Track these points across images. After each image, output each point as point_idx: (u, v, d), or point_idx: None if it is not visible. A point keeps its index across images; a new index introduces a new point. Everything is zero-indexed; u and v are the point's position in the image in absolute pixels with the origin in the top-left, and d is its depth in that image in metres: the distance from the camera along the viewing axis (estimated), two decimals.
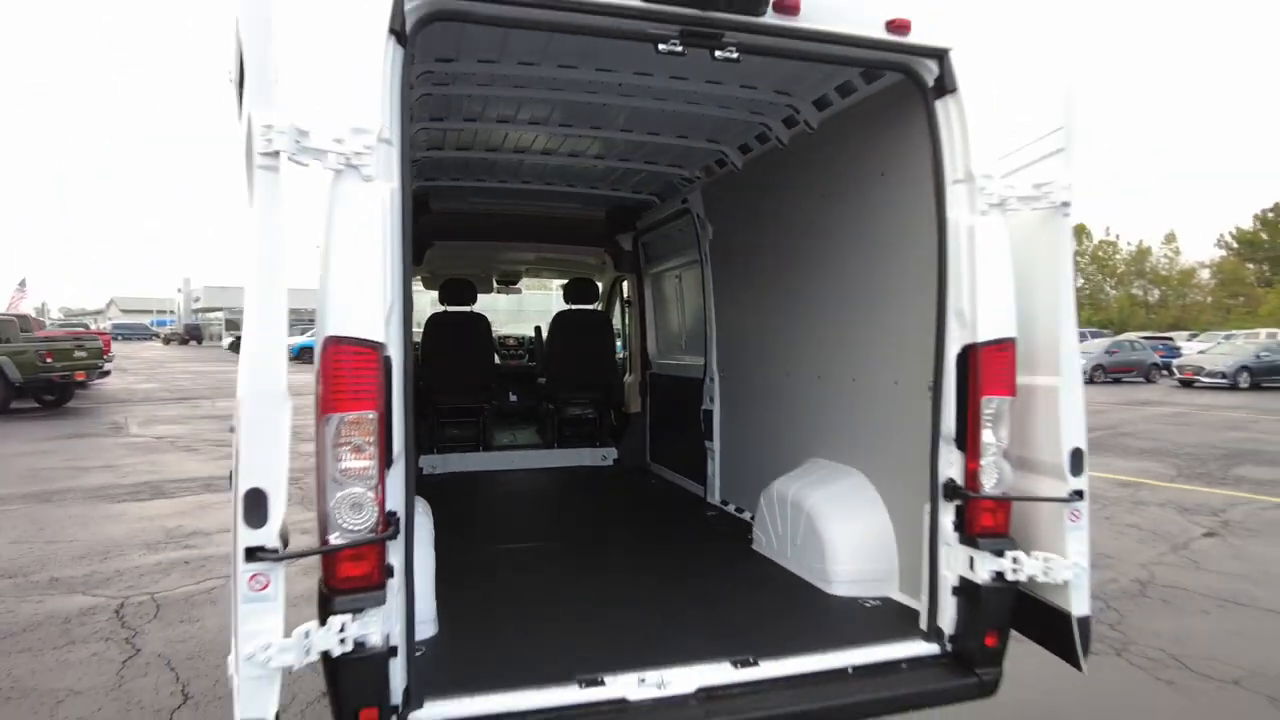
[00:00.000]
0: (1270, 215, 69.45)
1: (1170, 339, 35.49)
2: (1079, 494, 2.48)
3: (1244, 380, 23.84)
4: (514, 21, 2.31)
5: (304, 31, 1.96)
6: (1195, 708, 3.65)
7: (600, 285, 7.33)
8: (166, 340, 56.32)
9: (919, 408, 2.84)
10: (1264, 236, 69.15)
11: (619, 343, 7.37)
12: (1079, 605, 2.48)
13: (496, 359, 7.71)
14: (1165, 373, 27.21)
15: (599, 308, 7.34)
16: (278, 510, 1.82)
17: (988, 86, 2.61)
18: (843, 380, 3.56)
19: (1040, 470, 2.56)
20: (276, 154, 1.81)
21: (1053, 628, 2.54)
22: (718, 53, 2.42)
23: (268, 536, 1.80)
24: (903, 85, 2.79)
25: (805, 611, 3.01)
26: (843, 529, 3.21)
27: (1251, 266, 69.14)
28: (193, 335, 55.15)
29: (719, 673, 2.40)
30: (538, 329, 8.01)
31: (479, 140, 4.41)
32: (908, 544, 3.04)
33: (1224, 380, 23.86)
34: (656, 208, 5.75)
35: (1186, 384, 24.78)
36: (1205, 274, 73.06)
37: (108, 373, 18.90)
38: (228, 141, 2.14)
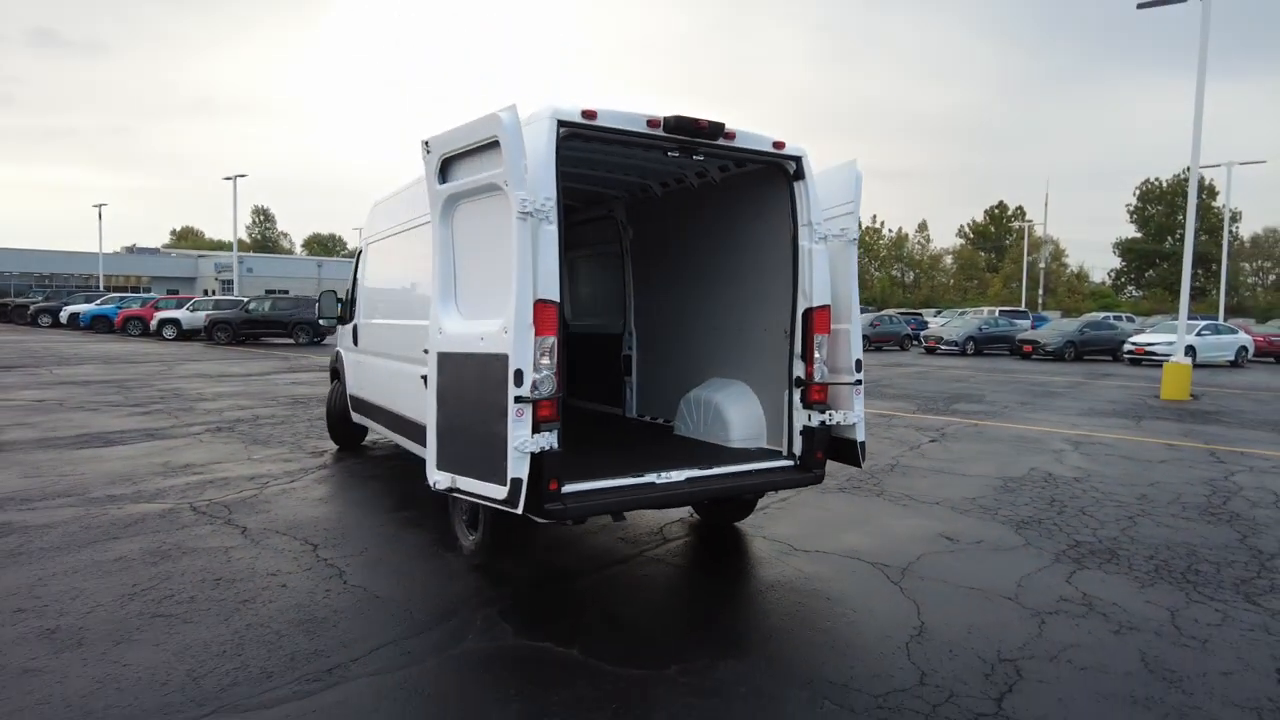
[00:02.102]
0: (996, 211, 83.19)
1: (920, 314, 42.77)
2: (859, 382, 5.09)
3: (970, 348, 30.08)
4: (602, 139, 4.42)
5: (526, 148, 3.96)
6: (907, 512, 6.55)
7: None
8: None
9: (777, 343, 5.34)
10: (991, 229, 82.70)
11: None
12: (860, 435, 5.09)
13: None
14: (915, 342, 33.33)
15: None
16: (527, 379, 3.86)
17: (818, 178, 5.11)
18: (732, 329, 5.99)
19: (841, 370, 5.13)
20: (530, 212, 3.85)
21: (846, 450, 5.14)
22: (694, 156, 4.72)
23: (523, 391, 3.85)
24: (774, 169, 5.20)
25: (722, 453, 5.42)
26: (736, 412, 5.66)
27: (983, 254, 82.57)
28: None
29: (694, 472, 4.72)
30: None
31: None
32: (771, 418, 5.53)
33: (956, 347, 29.96)
34: (578, 211, 7.87)
35: (930, 351, 30.73)
36: (949, 259, 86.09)
37: None
38: None
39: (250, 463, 7.91)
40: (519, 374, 3.86)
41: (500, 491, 3.91)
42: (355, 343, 7.84)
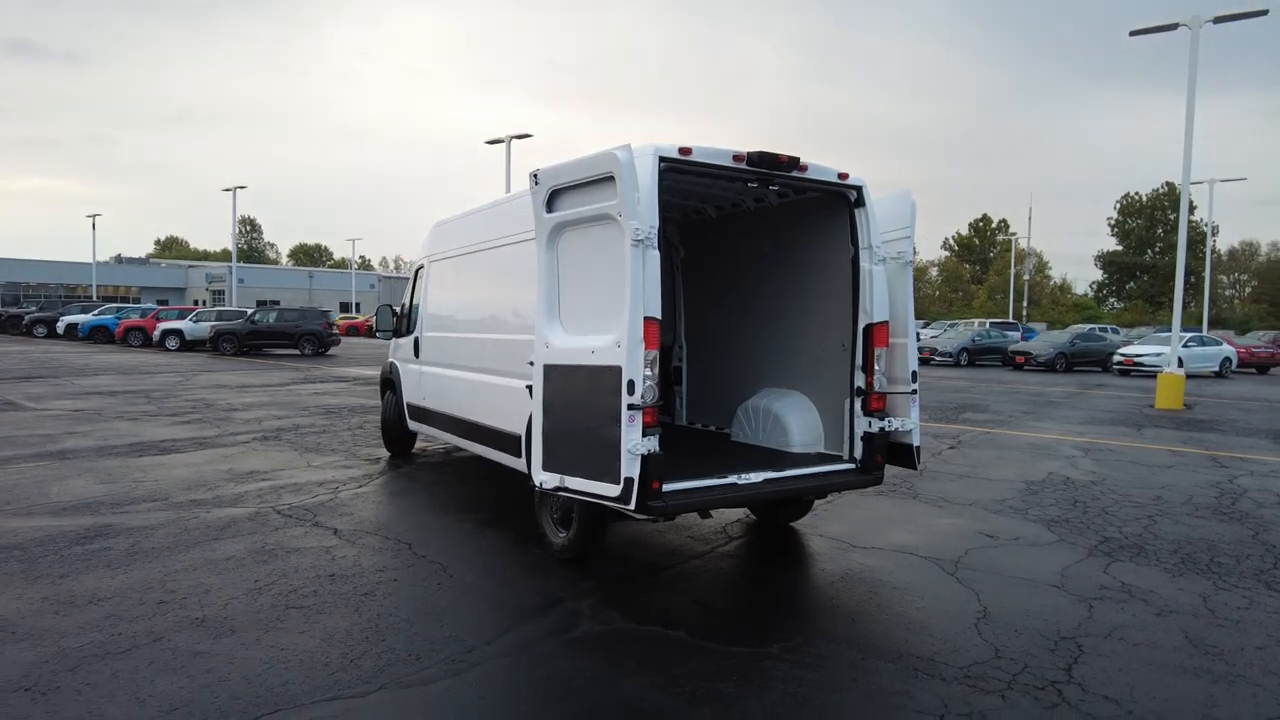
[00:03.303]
0: (980, 224, 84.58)
1: None
2: (915, 391, 5.57)
3: (964, 358, 30.80)
4: (692, 172, 4.88)
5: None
6: (944, 513, 7.02)
7: None
8: None
9: (834, 356, 5.81)
10: (976, 242, 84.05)
11: None
12: (915, 439, 5.56)
13: None
14: None
15: None
16: (638, 388, 4.29)
17: (876, 205, 5.60)
18: (787, 343, 6.44)
19: (898, 381, 5.59)
20: (641, 239, 4.29)
21: (903, 454, 5.60)
22: (771, 186, 5.19)
23: (635, 399, 4.28)
24: (834, 197, 5.67)
25: (788, 457, 5.86)
26: (795, 420, 6.11)
27: (967, 266, 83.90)
28: None
29: (770, 474, 5.16)
30: None
31: None
32: (828, 424, 5.99)
33: (950, 358, 30.66)
34: None
35: (925, 362, 31.40)
36: (934, 271, 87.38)
37: None
38: None
39: (312, 469, 8.26)
40: (631, 384, 4.29)
41: (613, 490, 4.33)
42: (416, 355, 8.22)
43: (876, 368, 5.51)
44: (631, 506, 4.31)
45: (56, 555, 5.31)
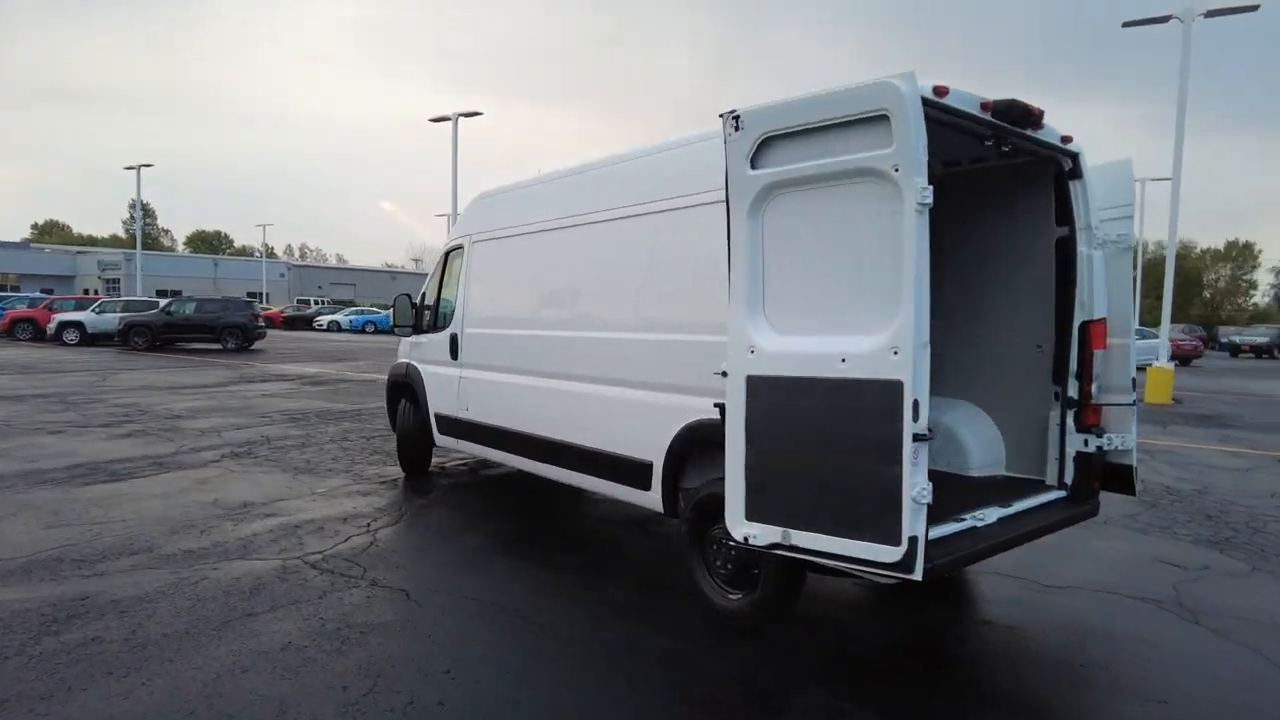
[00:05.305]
0: None
1: None
2: (1134, 402, 4.60)
3: None
4: (937, 121, 3.70)
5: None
6: (1086, 532, 6.14)
7: None
8: None
9: (1026, 359, 4.77)
10: None
11: None
12: (1134, 459, 4.60)
13: None
14: None
15: None
16: (924, 412, 3.12)
17: (1094, 178, 4.57)
18: (954, 345, 5.24)
19: (1115, 390, 4.60)
20: (925, 204, 3.10)
21: (1120, 476, 4.60)
22: (1004, 146, 4.08)
23: (920, 428, 3.11)
24: (1037, 164, 4.61)
25: (979, 484, 4.78)
26: (974, 436, 5.04)
27: None
28: None
29: (1001, 511, 4.09)
30: None
31: None
32: (1014, 442, 4.96)
33: None
34: None
35: None
36: None
37: None
38: None
39: (320, 498, 6.67)
40: (915, 405, 3.11)
41: (892, 553, 3.14)
42: (454, 356, 6.74)
43: (1095, 372, 4.51)
44: (917, 575, 3.13)
45: (22, 656, 3.69)
